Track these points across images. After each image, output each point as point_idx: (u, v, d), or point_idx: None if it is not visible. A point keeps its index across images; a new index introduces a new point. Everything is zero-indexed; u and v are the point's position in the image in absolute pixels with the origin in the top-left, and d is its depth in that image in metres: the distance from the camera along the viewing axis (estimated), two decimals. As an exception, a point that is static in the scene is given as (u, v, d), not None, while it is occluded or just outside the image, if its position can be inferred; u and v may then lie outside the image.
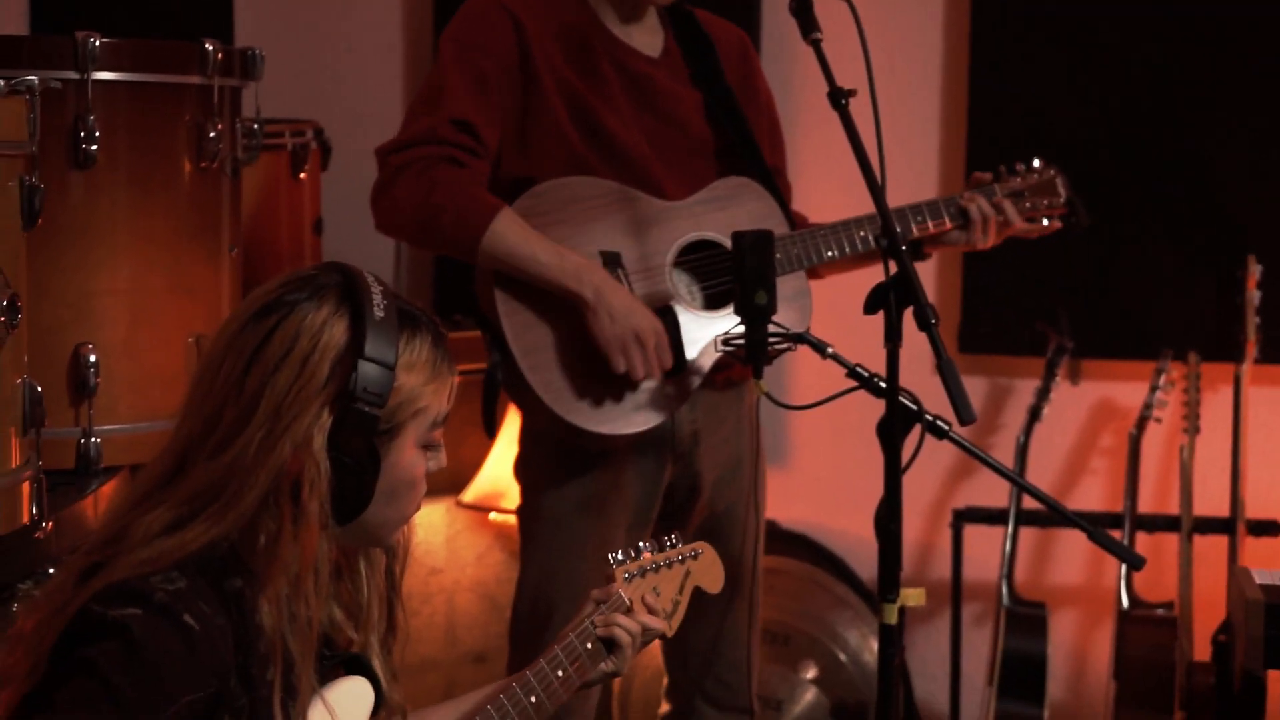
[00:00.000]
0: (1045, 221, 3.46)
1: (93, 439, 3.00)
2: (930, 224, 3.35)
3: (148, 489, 2.04)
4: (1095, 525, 2.69)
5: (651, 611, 2.39)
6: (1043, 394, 4.43)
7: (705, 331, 3.20)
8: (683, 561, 2.45)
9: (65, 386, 2.99)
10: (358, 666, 2.18)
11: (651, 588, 2.40)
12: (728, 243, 3.13)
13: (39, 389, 2.69)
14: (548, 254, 3.12)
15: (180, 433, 2.06)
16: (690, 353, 3.18)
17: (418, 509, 2.16)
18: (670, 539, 2.46)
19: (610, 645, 2.35)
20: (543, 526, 3.31)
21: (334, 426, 2.01)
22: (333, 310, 2.03)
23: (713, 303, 3.25)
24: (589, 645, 2.32)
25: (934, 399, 2.69)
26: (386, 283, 2.10)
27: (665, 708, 3.60)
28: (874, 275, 2.89)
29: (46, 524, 2.73)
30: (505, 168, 3.22)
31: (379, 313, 2.03)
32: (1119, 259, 4.58)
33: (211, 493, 1.99)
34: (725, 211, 3.28)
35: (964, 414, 2.57)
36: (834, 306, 3.44)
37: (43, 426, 2.73)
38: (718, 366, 3.23)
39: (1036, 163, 3.48)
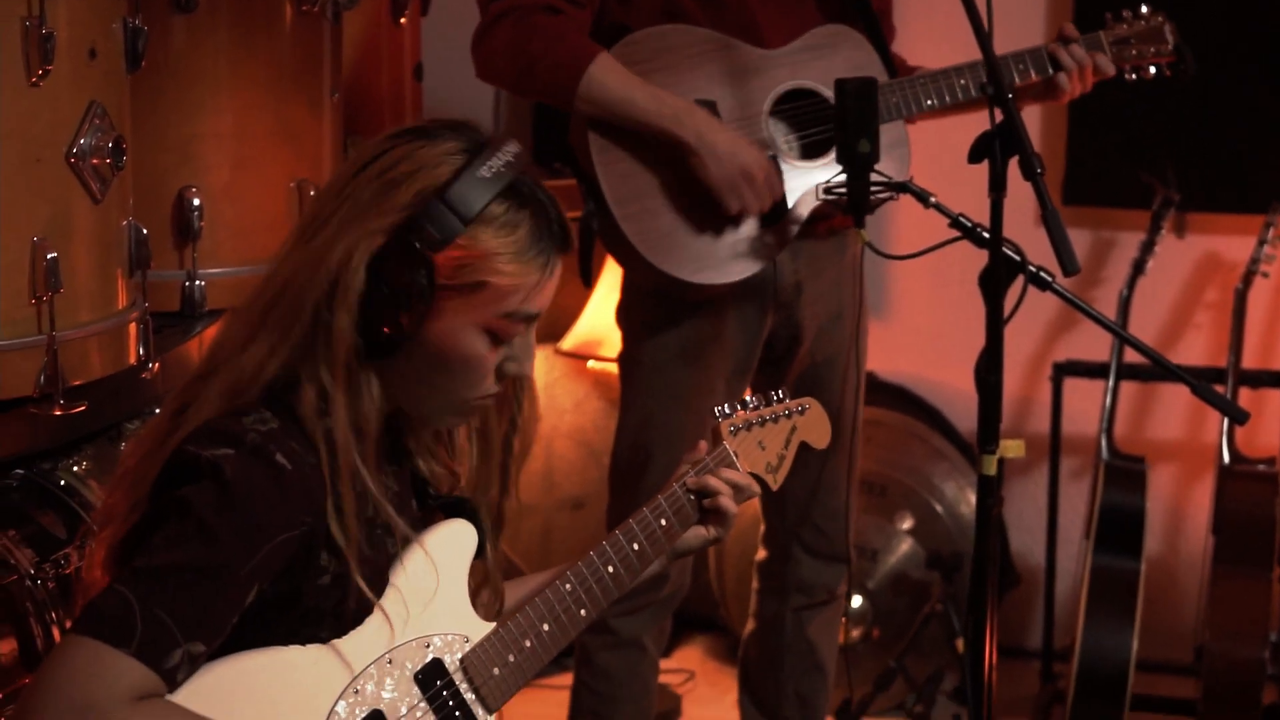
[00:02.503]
0: (1152, 69, 3.39)
1: (197, 282, 3.03)
2: (1033, 73, 3.29)
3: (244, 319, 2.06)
4: (1198, 379, 2.67)
5: (756, 465, 2.39)
6: (1147, 247, 4.38)
7: (803, 180, 3.18)
8: (789, 416, 2.44)
9: (170, 230, 3.02)
10: (460, 512, 2.20)
11: (757, 442, 2.40)
12: (826, 91, 3.10)
13: (144, 231, 2.72)
14: (646, 98, 3.10)
15: (285, 244, 2.07)
16: (788, 201, 3.16)
17: (478, 401, 2.10)
18: (776, 394, 2.44)
19: (712, 505, 2.33)
20: (643, 373, 3.32)
21: (381, 248, 1.98)
22: (448, 153, 2.02)
23: (809, 152, 3.22)
24: (691, 496, 2.32)
25: (1036, 251, 2.67)
26: (530, 165, 2.06)
27: (761, 554, 3.62)
28: (970, 122, 2.86)
29: (153, 365, 2.76)
30: (605, 16, 3.20)
31: (486, 171, 2.01)
32: (1227, 110, 4.50)
33: (279, 297, 2.01)
34: (823, 60, 3.24)
35: (1068, 265, 2.55)
36: (936, 156, 3.41)
37: (148, 269, 2.76)
38: (819, 216, 3.20)
39: (1144, 9, 3.40)
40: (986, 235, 2.59)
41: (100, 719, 1.80)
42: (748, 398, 2.41)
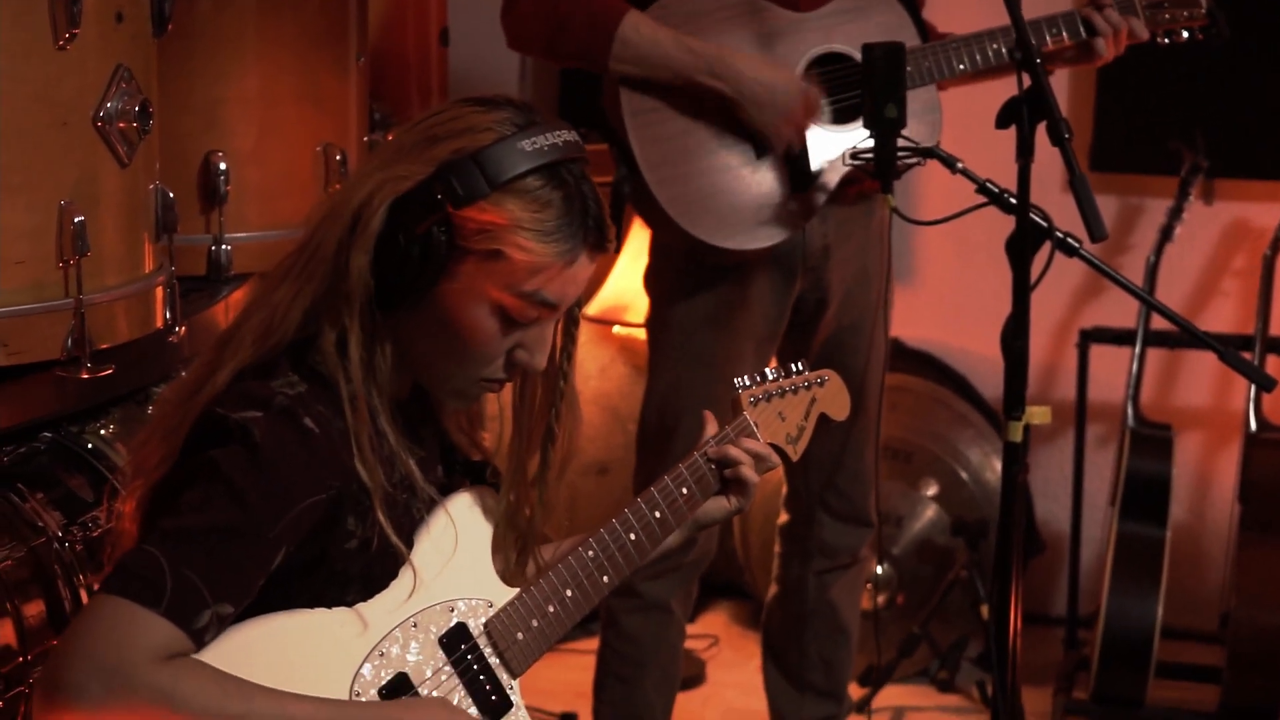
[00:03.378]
0: (1184, 34, 3.37)
1: (223, 246, 3.03)
2: (1065, 36, 3.27)
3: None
4: (1225, 346, 2.66)
5: (776, 436, 2.39)
6: (1175, 214, 4.36)
7: (833, 145, 3.17)
8: (809, 388, 2.44)
9: (196, 194, 3.02)
10: (484, 478, 2.21)
11: (777, 413, 2.39)
12: (857, 55, 3.09)
13: (171, 195, 2.72)
14: (679, 50, 3.10)
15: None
16: (817, 167, 3.15)
17: (484, 383, 2.08)
18: (796, 365, 2.44)
19: (733, 475, 2.33)
20: (671, 338, 3.32)
21: (406, 194, 1.99)
22: (498, 121, 2.01)
23: (841, 116, 3.21)
24: (713, 466, 2.32)
25: (1063, 217, 2.66)
26: (583, 158, 2.05)
27: (784, 518, 3.63)
28: (998, 88, 2.85)
29: (179, 329, 2.77)
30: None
31: (528, 145, 2.00)
32: (1256, 76, 4.47)
33: (309, 238, 2.02)
34: (855, 23, 3.23)
35: (1095, 230, 2.54)
36: (964, 121, 3.40)
37: (175, 233, 2.76)
38: (847, 180, 3.20)
39: (1177, -28, 3.38)
40: (1013, 201, 2.58)
41: (129, 677, 1.81)
42: (768, 369, 2.41)
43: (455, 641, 2.08)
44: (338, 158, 3.15)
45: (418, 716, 1.98)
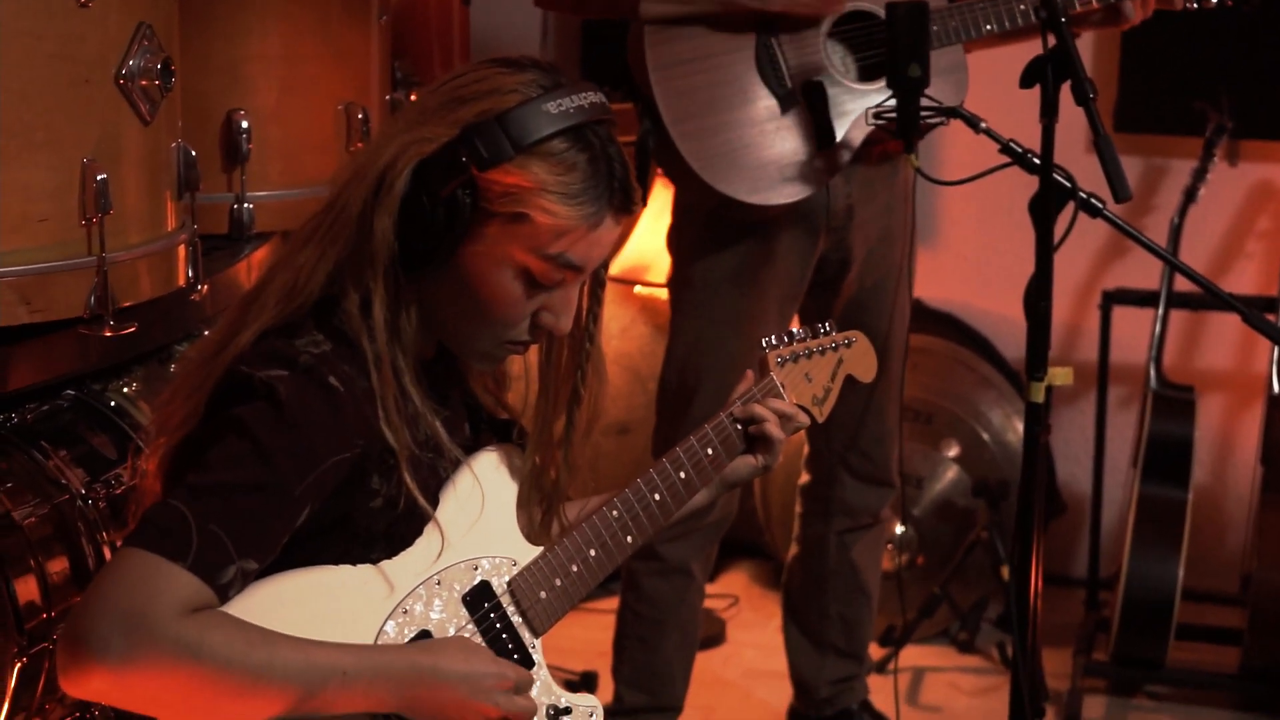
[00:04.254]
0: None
1: (245, 204, 3.03)
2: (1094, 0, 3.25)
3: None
4: (1249, 308, 2.65)
5: (802, 397, 2.39)
6: (1199, 175, 4.34)
7: (857, 104, 3.16)
8: (836, 349, 2.43)
9: (218, 153, 3.02)
10: (510, 436, 2.21)
11: (804, 373, 2.39)
12: (883, 14, 3.07)
13: (193, 153, 2.72)
14: None
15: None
16: (841, 125, 3.14)
17: (508, 345, 2.08)
18: (824, 326, 2.44)
19: (758, 432, 2.33)
20: (693, 296, 3.31)
21: (430, 156, 1.98)
22: (524, 83, 2.01)
23: (867, 74, 3.20)
24: (738, 426, 2.32)
25: (1087, 178, 2.65)
26: (610, 121, 2.04)
27: (805, 478, 3.63)
28: (1023, 49, 2.84)
29: (202, 287, 2.78)
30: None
31: (554, 107, 2.00)
32: (1282, 36, 4.44)
33: (334, 199, 2.02)
34: (880, -19, 3.22)
35: (1119, 190, 2.53)
36: (988, 81, 3.38)
37: (197, 191, 2.76)
38: (871, 140, 3.19)
39: (1207, -66, 3.35)
40: (1037, 161, 2.57)
41: (153, 629, 1.81)
42: (795, 329, 2.40)
43: (479, 600, 2.09)
44: (359, 116, 3.15)
45: (437, 656, 1.98)
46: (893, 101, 2.95)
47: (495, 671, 2.01)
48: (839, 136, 3.14)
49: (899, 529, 4.22)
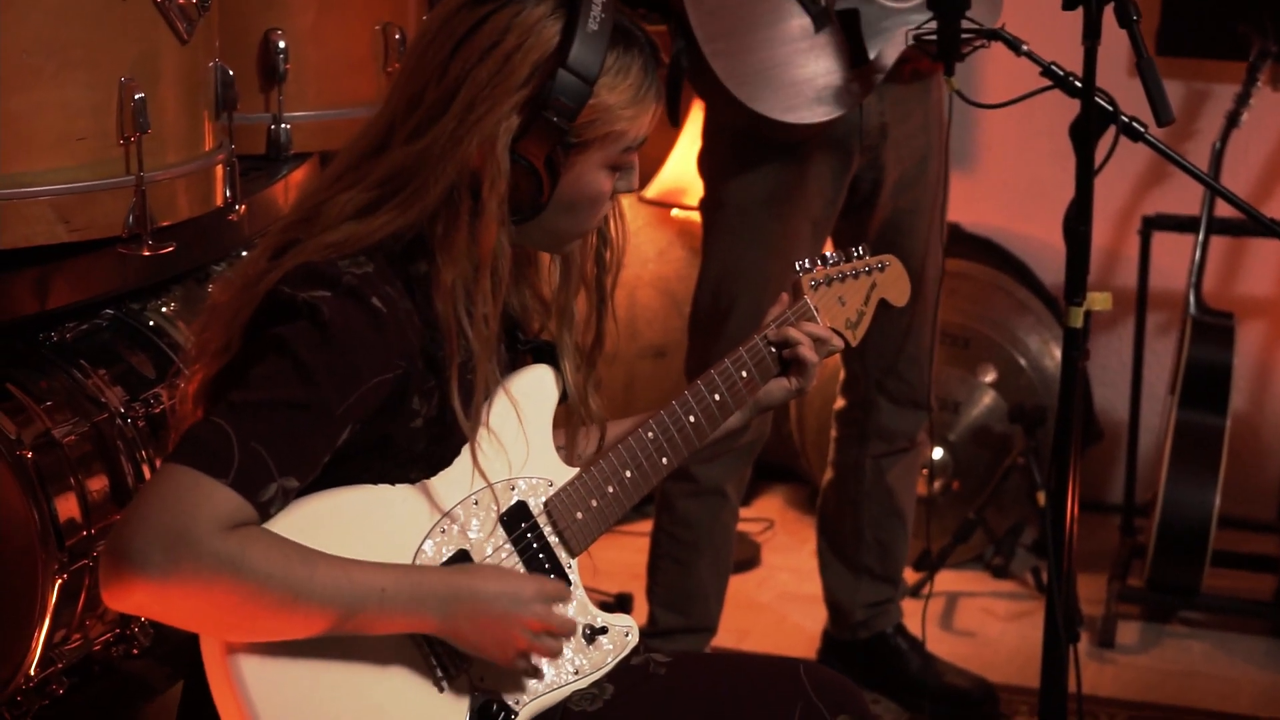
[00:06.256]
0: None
1: (283, 125, 3.03)
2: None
3: (347, 165, 2.06)
4: (1291, 234, 2.64)
5: (836, 321, 2.38)
6: (1242, 99, 4.29)
7: (893, 22, 3.13)
8: (869, 273, 2.43)
9: (255, 73, 3.02)
10: (548, 356, 2.21)
11: (837, 297, 2.39)
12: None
13: (230, 73, 2.72)
14: None
15: (385, 110, 2.07)
16: (875, 45, 3.11)
17: (599, 224, 2.17)
18: (857, 250, 2.43)
19: (792, 355, 2.33)
20: (726, 218, 3.30)
21: (520, 129, 2.01)
22: (548, 12, 2.01)
23: (904, -7, 3.17)
24: (772, 349, 2.32)
25: (1129, 101, 2.62)
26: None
27: (840, 402, 3.63)
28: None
29: (239, 207, 2.78)
30: None
31: (593, 24, 2.00)
32: (1331, -42, 4.39)
33: (403, 179, 2.01)
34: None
35: (1162, 114, 2.51)
36: (1029, 3, 3.35)
37: (235, 111, 2.76)
38: (903, 58, 3.16)
39: None
40: (1079, 84, 2.55)
41: (194, 544, 1.82)
42: (828, 253, 2.40)
43: (516, 520, 2.10)
44: (396, 36, 3.14)
45: (473, 578, 2.00)
46: (933, 23, 2.92)
47: (534, 586, 2.03)
48: (872, 55, 3.11)
49: (935, 453, 4.22)
